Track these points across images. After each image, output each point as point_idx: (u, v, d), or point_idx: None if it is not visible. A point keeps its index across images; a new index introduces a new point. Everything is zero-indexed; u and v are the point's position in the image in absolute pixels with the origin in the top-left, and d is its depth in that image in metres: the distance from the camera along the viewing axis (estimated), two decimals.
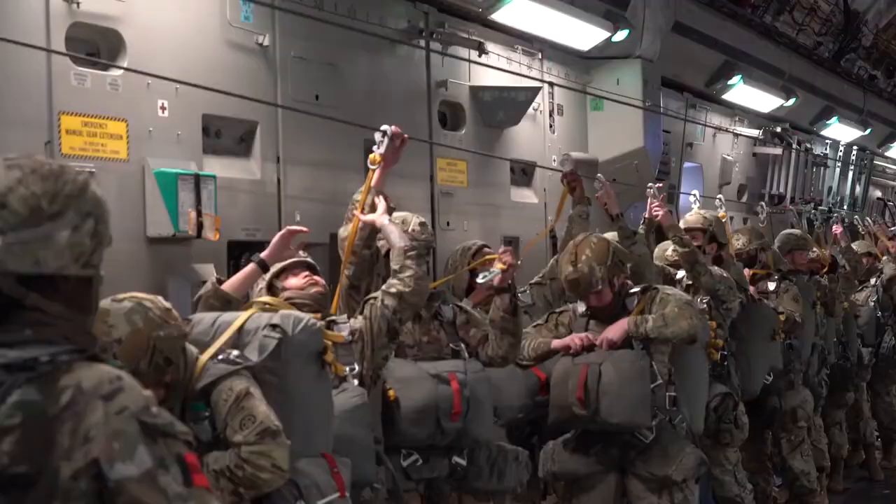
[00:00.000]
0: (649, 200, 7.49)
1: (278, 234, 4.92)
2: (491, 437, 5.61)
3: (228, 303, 4.61)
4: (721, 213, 9.16)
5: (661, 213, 7.40)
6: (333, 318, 4.82)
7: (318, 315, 4.56)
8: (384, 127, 5.12)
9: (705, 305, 7.19)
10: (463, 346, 5.55)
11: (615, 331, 6.01)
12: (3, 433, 2.21)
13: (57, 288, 2.35)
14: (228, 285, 4.70)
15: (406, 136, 5.28)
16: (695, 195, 8.56)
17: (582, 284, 6.03)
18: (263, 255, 4.81)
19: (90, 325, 2.44)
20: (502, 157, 9.31)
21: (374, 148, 5.11)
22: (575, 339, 6.07)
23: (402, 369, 5.32)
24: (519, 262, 5.55)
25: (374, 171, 5.12)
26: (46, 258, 2.32)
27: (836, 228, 11.77)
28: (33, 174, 2.34)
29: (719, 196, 9.66)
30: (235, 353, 4.07)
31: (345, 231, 5.29)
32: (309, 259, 5.02)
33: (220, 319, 4.25)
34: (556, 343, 6.12)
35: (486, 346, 5.53)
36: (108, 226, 2.44)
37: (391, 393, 5.23)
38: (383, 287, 4.93)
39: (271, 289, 4.81)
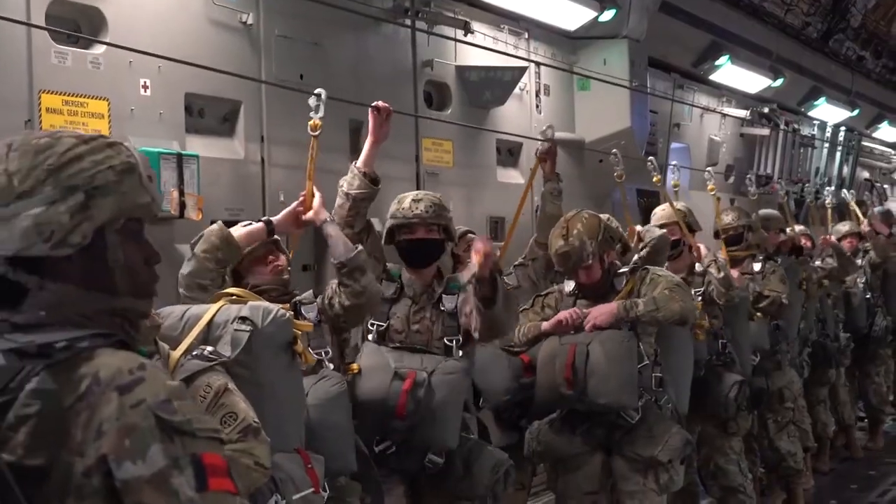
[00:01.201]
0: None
1: (293, 205, 4.90)
2: (449, 442, 5.31)
3: (229, 244, 4.57)
4: (710, 185, 9.17)
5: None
6: (300, 299, 4.78)
7: (287, 304, 4.51)
8: (318, 90, 5.01)
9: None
10: (456, 341, 5.41)
11: (604, 316, 5.97)
12: (19, 422, 2.10)
13: (60, 270, 2.23)
14: (233, 231, 4.66)
15: (391, 109, 5.27)
16: (675, 165, 8.58)
17: (573, 258, 5.99)
18: (275, 219, 4.77)
19: (126, 306, 2.30)
20: (494, 130, 9.27)
21: (311, 114, 5.02)
22: (565, 315, 6.02)
23: (368, 357, 5.25)
24: (494, 250, 5.32)
25: (315, 137, 5.00)
26: (7, 239, 2.20)
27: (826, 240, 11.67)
28: (16, 151, 2.23)
29: (709, 169, 9.67)
30: (209, 349, 4.00)
31: (334, 210, 5.28)
32: (276, 236, 4.96)
33: (188, 313, 4.18)
34: (545, 325, 6.09)
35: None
36: (123, 197, 2.27)
37: (354, 367, 5.16)
38: (335, 287, 4.83)
39: (236, 275, 4.76)
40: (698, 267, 7.55)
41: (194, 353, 3.90)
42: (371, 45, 8.03)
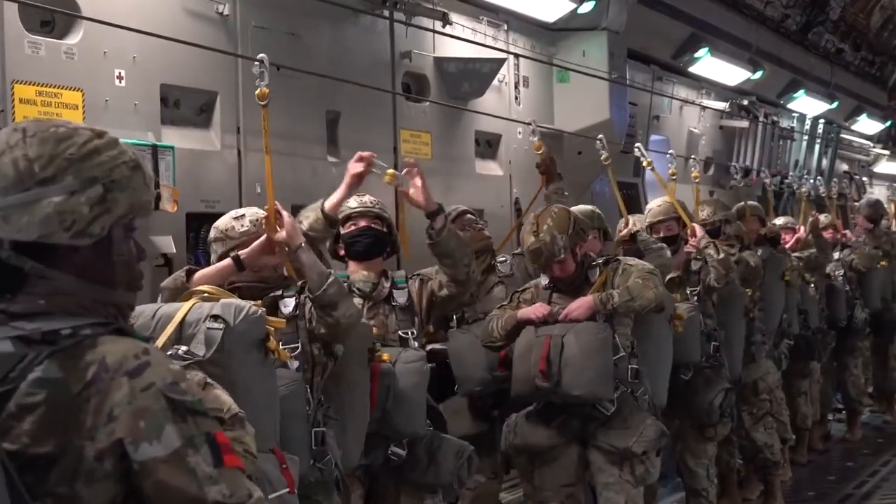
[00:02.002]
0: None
1: (261, 239, 4.66)
2: (417, 431, 5.39)
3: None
4: (694, 172, 9.20)
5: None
6: (280, 293, 4.73)
7: (259, 302, 4.46)
8: (260, 56, 4.88)
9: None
10: (412, 333, 5.48)
11: (581, 310, 5.96)
12: (23, 411, 2.11)
13: (66, 258, 2.23)
14: (200, 276, 4.58)
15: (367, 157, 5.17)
16: (639, 148, 8.60)
17: (545, 253, 5.98)
18: (243, 254, 4.65)
19: (118, 300, 2.31)
20: (473, 110, 9.26)
21: (257, 81, 4.92)
22: (537, 311, 6.02)
23: None
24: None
25: (264, 107, 4.87)
26: (29, 225, 2.20)
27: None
28: (34, 137, 2.23)
29: (693, 156, 9.69)
30: (183, 349, 3.96)
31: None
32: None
33: (159, 312, 4.14)
34: (521, 313, 6.07)
35: (439, 291, 5.50)
36: (134, 193, 2.29)
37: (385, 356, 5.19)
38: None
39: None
40: (694, 265, 7.55)
41: (169, 353, 3.87)
42: (349, 36, 8.00)
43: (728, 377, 7.72)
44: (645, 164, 7.94)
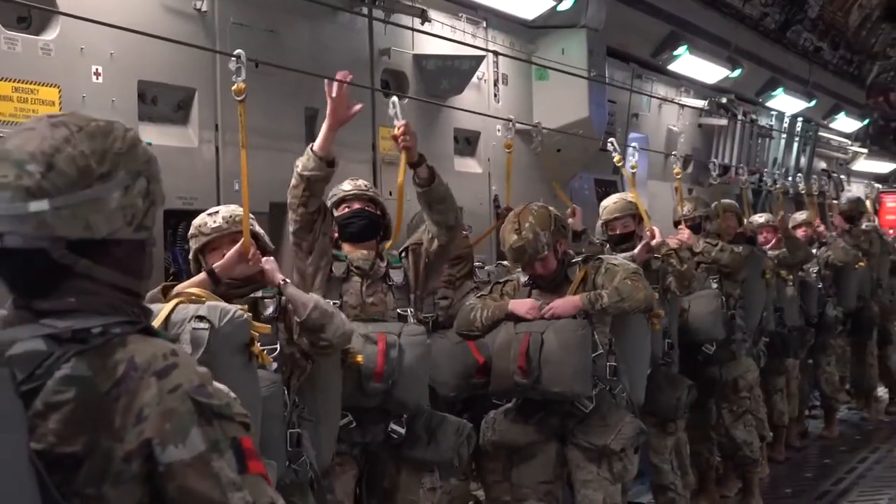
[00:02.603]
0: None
1: (234, 250, 4.64)
2: (423, 404, 5.56)
3: None
4: (676, 168, 9.24)
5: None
6: (260, 295, 4.72)
7: (244, 306, 4.45)
8: (237, 51, 4.88)
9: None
10: (410, 311, 5.56)
11: (567, 309, 5.96)
12: (50, 409, 2.07)
13: (109, 253, 2.21)
14: (177, 292, 4.56)
15: (348, 79, 5.21)
16: (634, 147, 8.67)
17: (528, 251, 5.98)
18: (217, 267, 4.64)
19: (144, 291, 2.31)
20: (453, 107, 9.24)
21: (234, 77, 4.92)
22: (525, 308, 6.01)
23: None
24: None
25: (241, 102, 4.85)
26: (98, 222, 2.18)
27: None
28: (81, 132, 2.19)
29: (674, 153, 9.72)
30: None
31: (289, 189, 5.32)
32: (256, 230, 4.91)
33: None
34: (512, 305, 6.05)
35: (431, 244, 5.58)
36: (161, 184, 2.30)
37: (359, 358, 5.20)
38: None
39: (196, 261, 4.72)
40: (653, 264, 7.55)
41: None
42: (327, 34, 7.98)
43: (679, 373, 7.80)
44: (616, 159, 7.95)
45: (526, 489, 6.17)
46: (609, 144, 7.94)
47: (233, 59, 4.84)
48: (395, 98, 5.56)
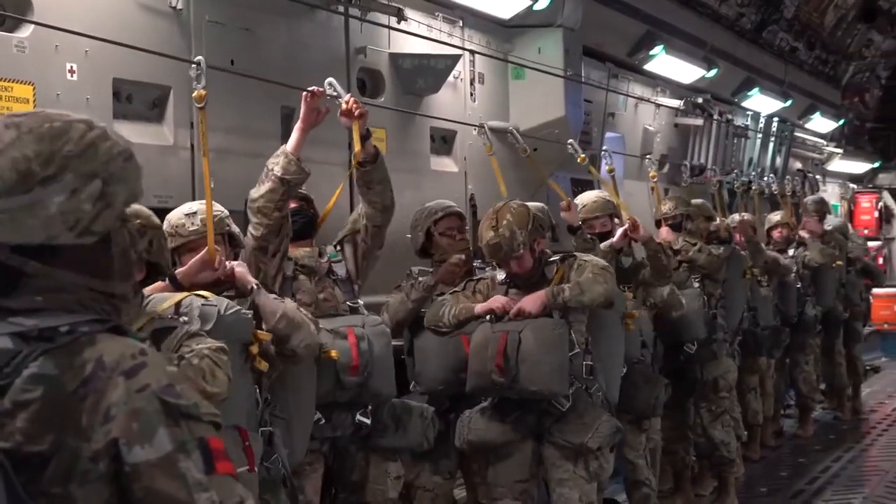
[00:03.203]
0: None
1: (198, 258, 4.69)
2: (392, 393, 5.67)
3: None
4: (652, 172, 9.27)
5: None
6: (233, 293, 4.72)
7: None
8: (197, 58, 4.96)
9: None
10: (360, 302, 5.69)
11: (533, 304, 5.98)
12: (18, 408, 2.06)
13: (60, 255, 2.17)
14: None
15: (318, 91, 5.29)
16: (606, 151, 8.70)
17: (504, 249, 5.99)
18: (179, 273, 4.64)
19: (119, 291, 2.27)
20: (429, 116, 9.24)
21: (194, 84, 4.96)
22: (497, 302, 6.03)
23: None
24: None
25: (202, 109, 4.91)
26: (33, 228, 2.14)
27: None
28: (30, 134, 2.16)
29: (649, 156, 9.74)
30: (184, 318, 4.14)
31: (256, 192, 5.32)
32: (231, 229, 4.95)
33: (150, 298, 4.23)
34: (479, 308, 6.07)
35: (367, 230, 5.72)
36: (129, 183, 2.24)
37: (333, 353, 5.29)
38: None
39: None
40: (624, 262, 7.58)
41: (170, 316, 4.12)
42: (303, 32, 7.96)
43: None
44: (579, 160, 7.97)
45: (502, 488, 6.18)
46: (569, 146, 7.91)
47: (193, 65, 4.86)
48: (331, 79, 5.65)
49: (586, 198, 7.98)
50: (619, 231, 7.46)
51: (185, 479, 2.08)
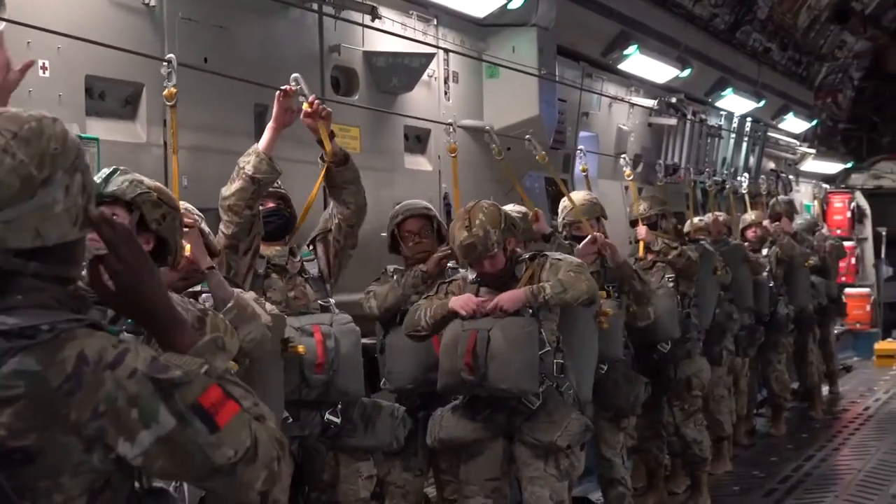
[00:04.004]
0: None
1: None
2: (360, 391, 5.68)
3: None
4: (627, 171, 9.30)
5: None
6: (199, 289, 4.71)
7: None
8: (168, 56, 4.96)
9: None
10: (332, 301, 5.72)
11: (511, 302, 5.98)
12: (1, 404, 2.09)
13: (53, 252, 2.22)
14: None
15: (291, 90, 5.29)
16: (581, 150, 8.72)
17: (478, 248, 6.00)
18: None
19: (77, 275, 2.30)
20: (398, 114, 9.23)
21: (165, 82, 4.98)
22: (467, 304, 6.02)
23: None
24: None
25: (172, 107, 5.05)
26: (48, 230, 2.18)
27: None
28: (15, 139, 2.18)
29: (624, 156, 9.77)
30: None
31: (227, 190, 5.35)
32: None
33: None
34: (452, 303, 6.06)
35: (340, 230, 5.77)
36: (90, 170, 2.29)
37: (300, 348, 5.31)
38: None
39: None
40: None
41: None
42: (277, 29, 7.94)
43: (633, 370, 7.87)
44: (538, 157, 7.98)
45: (473, 486, 6.18)
46: (526, 142, 7.93)
47: (164, 63, 4.86)
48: (296, 74, 5.63)
49: (575, 199, 8.01)
50: (585, 241, 7.46)
51: (196, 445, 2.14)
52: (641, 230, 8.91)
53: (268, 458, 2.23)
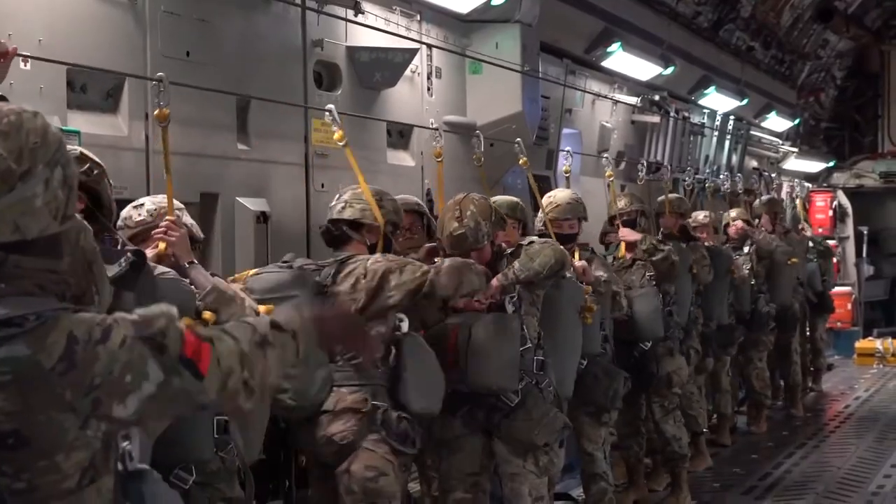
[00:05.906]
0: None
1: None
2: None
3: None
4: (609, 171, 9.30)
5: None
6: (187, 282, 4.70)
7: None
8: (159, 74, 4.92)
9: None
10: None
11: (490, 290, 6.00)
12: None
13: (35, 245, 2.23)
14: None
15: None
16: (567, 151, 8.71)
17: (469, 239, 6.02)
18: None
19: (63, 267, 2.30)
20: (381, 119, 9.23)
21: (158, 101, 4.94)
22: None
23: None
24: None
25: (164, 128, 4.91)
26: (27, 223, 2.19)
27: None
28: None
29: (605, 155, 9.77)
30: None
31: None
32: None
33: None
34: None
35: None
36: (72, 164, 2.30)
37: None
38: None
39: None
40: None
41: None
42: (260, 24, 7.92)
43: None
44: (521, 162, 7.95)
45: (453, 480, 6.19)
46: (516, 146, 7.89)
47: (154, 82, 4.81)
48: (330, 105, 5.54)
49: (559, 197, 7.97)
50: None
51: (187, 393, 2.22)
52: (624, 231, 8.90)
53: (236, 380, 2.33)
